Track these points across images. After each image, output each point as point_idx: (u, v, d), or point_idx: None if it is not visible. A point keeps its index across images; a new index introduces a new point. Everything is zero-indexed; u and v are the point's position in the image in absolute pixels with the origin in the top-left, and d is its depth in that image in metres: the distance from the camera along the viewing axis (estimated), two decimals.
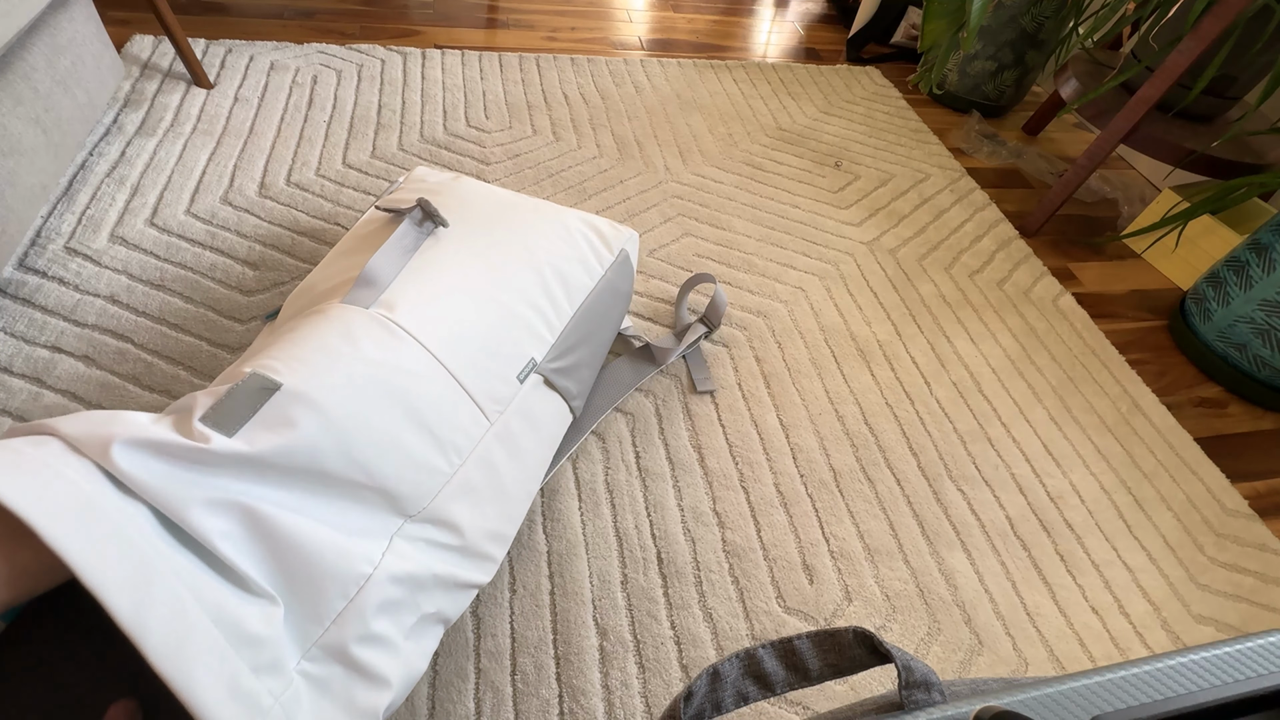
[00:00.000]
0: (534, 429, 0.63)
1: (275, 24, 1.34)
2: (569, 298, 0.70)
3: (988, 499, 0.81)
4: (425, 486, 0.51)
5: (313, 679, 0.42)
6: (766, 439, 0.82)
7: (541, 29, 1.52)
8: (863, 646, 0.31)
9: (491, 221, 0.70)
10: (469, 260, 0.64)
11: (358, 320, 0.53)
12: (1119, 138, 1.12)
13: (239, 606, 0.38)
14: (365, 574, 0.45)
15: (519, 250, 0.67)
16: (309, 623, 0.42)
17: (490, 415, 0.58)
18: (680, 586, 0.68)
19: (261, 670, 0.38)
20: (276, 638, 0.40)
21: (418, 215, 0.65)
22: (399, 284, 0.58)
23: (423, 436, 0.52)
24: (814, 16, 1.84)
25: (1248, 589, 0.77)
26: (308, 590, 0.42)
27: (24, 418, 0.69)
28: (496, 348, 0.60)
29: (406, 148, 1.11)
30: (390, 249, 0.60)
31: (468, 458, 0.56)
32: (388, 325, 0.54)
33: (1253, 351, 0.98)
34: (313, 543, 0.43)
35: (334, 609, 0.43)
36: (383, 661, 0.45)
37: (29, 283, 0.80)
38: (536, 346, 0.65)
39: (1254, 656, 0.27)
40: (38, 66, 0.78)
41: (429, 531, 0.52)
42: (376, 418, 0.49)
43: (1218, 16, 0.96)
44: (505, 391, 0.60)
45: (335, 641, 0.43)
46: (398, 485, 0.49)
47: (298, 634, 0.42)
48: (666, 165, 1.20)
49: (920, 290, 1.07)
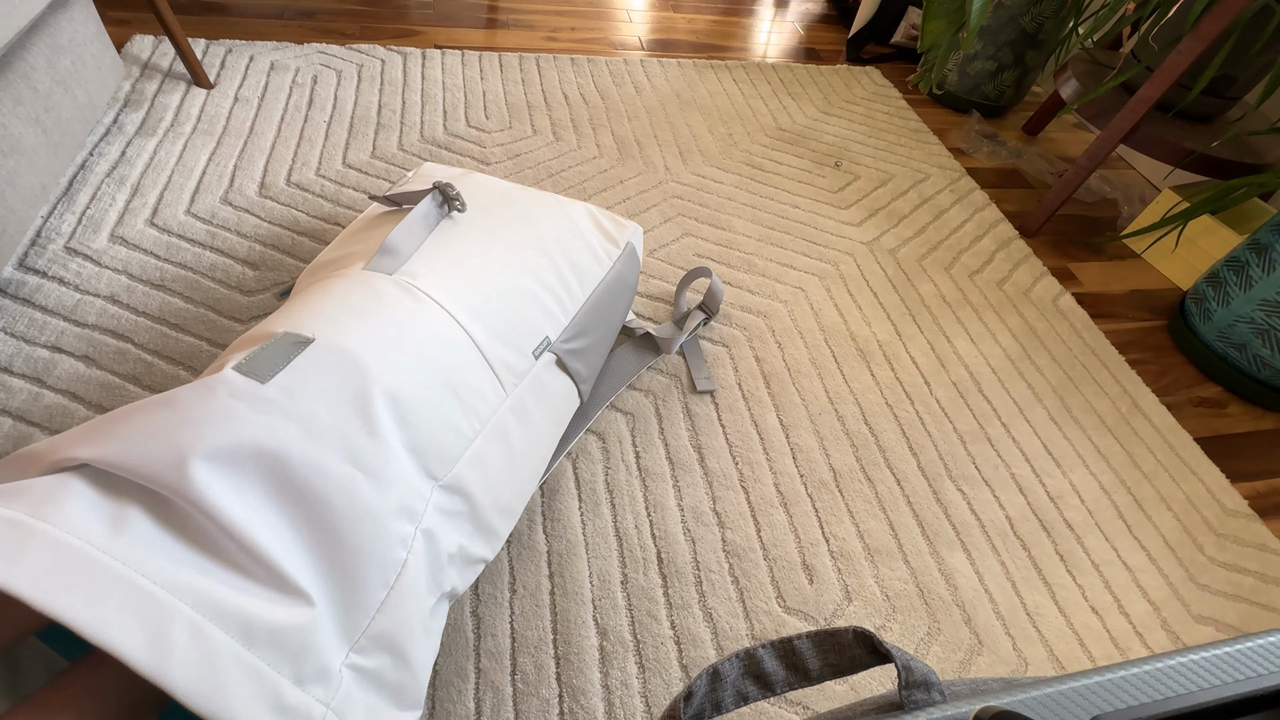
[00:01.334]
0: (545, 405, 0.64)
1: (275, 24, 1.34)
2: (580, 284, 0.71)
3: (988, 499, 0.81)
4: (451, 448, 0.51)
5: (363, 671, 0.41)
6: (766, 439, 0.82)
7: (541, 29, 1.52)
8: (862, 646, 0.31)
9: (503, 209, 0.71)
10: (485, 240, 0.65)
11: (382, 284, 0.54)
12: (1119, 138, 1.12)
13: (270, 613, 0.37)
14: (402, 559, 0.44)
15: (532, 236, 0.69)
16: (354, 612, 0.41)
17: (507, 386, 0.59)
18: (680, 586, 0.68)
19: (306, 680, 0.37)
20: (317, 640, 0.38)
21: (437, 197, 0.66)
22: (420, 256, 0.59)
23: (448, 396, 0.52)
24: (814, 16, 1.84)
25: (1248, 589, 0.77)
26: (349, 581, 0.41)
27: (24, 418, 0.69)
28: (515, 321, 0.61)
29: (406, 148, 1.11)
30: (410, 224, 0.61)
31: (486, 425, 0.56)
32: (412, 290, 0.55)
33: (1252, 351, 0.98)
34: (349, 519, 0.41)
35: (377, 598, 0.42)
36: (422, 646, 0.45)
37: (29, 283, 0.80)
38: (551, 325, 0.66)
39: (1254, 656, 0.27)
40: (38, 66, 0.78)
41: (449, 501, 0.51)
42: (407, 373, 0.49)
43: (1218, 16, 0.96)
44: (521, 365, 0.61)
45: (383, 630, 0.42)
46: (428, 442, 0.49)
47: (342, 625, 0.40)
48: (666, 165, 1.20)
49: (920, 290, 1.07)
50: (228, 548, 0.37)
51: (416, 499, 0.47)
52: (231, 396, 0.41)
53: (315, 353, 0.45)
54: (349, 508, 0.41)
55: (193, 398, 0.41)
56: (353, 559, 0.41)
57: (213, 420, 0.40)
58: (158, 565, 0.35)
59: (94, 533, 0.34)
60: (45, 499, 0.35)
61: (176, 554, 0.36)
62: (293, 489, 0.40)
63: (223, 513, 0.37)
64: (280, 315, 0.51)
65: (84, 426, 0.41)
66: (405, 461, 0.46)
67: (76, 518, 0.35)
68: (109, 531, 0.35)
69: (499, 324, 0.59)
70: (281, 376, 0.43)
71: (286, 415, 0.41)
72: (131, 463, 0.37)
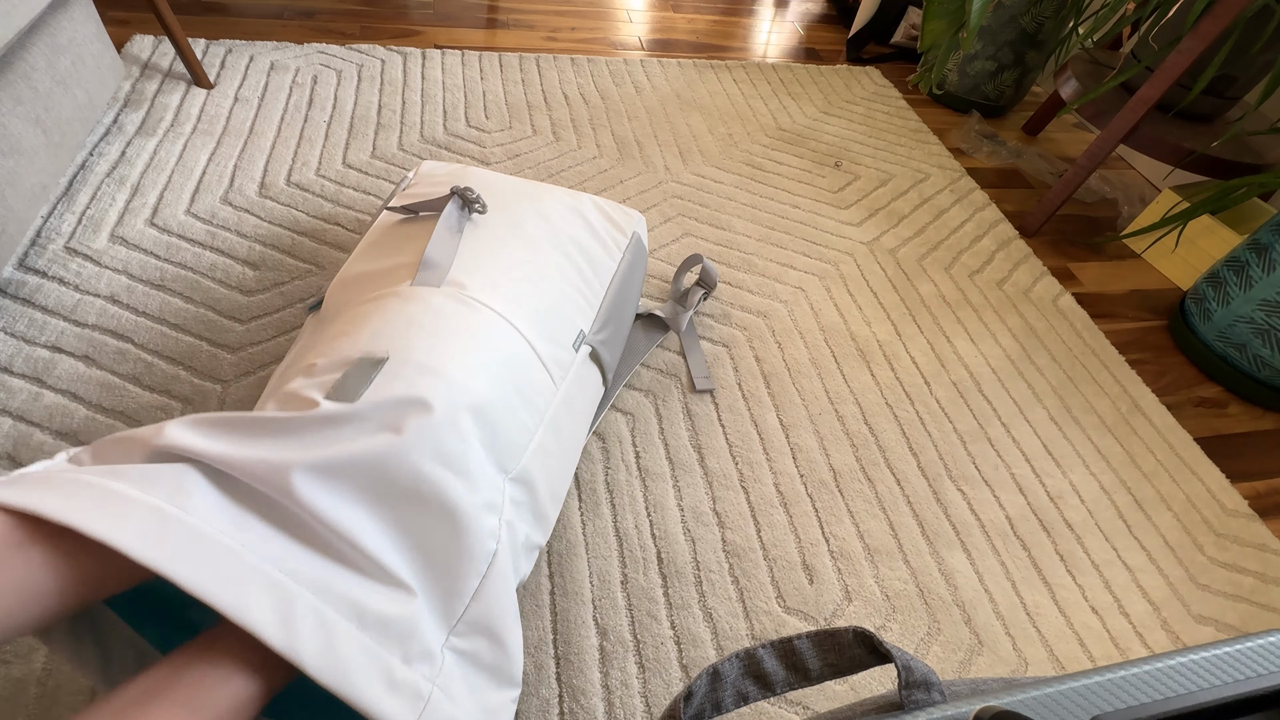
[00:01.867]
0: (584, 396, 0.67)
1: (275, 24, 1.34)
2: (599, 276, 0.74)
3: (987, 499, 0.81)
4: (519, 442, 0.54)
5: (462, 653, 0.44)
6: (766, 439, 0.82)
7: (541, 29, 1.52)
8: (862, 646, 0.31)
9: (516, 206, 0.73)
10: (511, 240, 0.67)
11: (438, 299, 0.56)
12: (1119, 138, 1.12)
13: (377, 601, 0.40)
14: (492, 549, 0.47)
15: (549, 232, 0.71)
16: (451, 599, 0.44)
17: (557, 380, 0.62)
18: (680, 586, 0.68)
19: (413, 659, 0.40)
20: (419, 625, 0.41)
21: (458, 202, 0.67)
22: (459, 264, 0.61)
23: (514, 394, 0.55)
24: (814, 16, 1.84)
25: (1248, 589, 0.77)
26: (446, 572, 0.44)
27: (24, 418, 0.69)
28: (557, 317, 0.64)
29: (406, 148, 1.11)
30: (441, 235, 0.63)
31: (544, 419, 0.59)
32: (465, 300, 0.57)
33: (1252, 351, 0.98)
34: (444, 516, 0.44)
35: (471, 587, 0.45)
36: (513, 629, 0.47)
37: (29, 283, 0.80)
38: (583, 319, 0.68)
39: (1254, 656, 0.27)
40: (38, 66, 0.78)
41: (518, 492, 0.54)
42: (478, 378, 0.52)
43: (1218, 16, 0.96)
44: (566, 358, 0.64)
45: (477, 616, 0.45)
46: (502, 439, 0.52)
47: (441, 612, 0.43)
48: (666, 165, 1.20)
49: (920, 290, 1.07)
50: (335, 544, 0.41)
51: (496, 493, 0.50)
52: (326, 417, 0.44)
53: (393, 369, 0.48)
54: (443, 506, 0.45)
55: (290, 420, 0.44)
56: (448, 552, 0.44)
57: (310, 435, 0.43)
58: (278, 557, 0.38)
59: (221, 524, 0.38)
60: (177, 489, 0.38)
61: (290, 549, 0.39)
62: (390, 492, 0.43)
63: (326, 513, 0.40)
64: (345, 339, 0.53)
65: (182, 422, 0.43)
66: (485, 459, 0.50)
67: (205, 510, 0.38)
68: (233, 526, 0.38)
69: (545, 322, 0.62)
70: (369, 393, 0.46)
71: (379, 427, 0.45)
72: (242, 465, 0.40)
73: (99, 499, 0.35)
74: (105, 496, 0.36)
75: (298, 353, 0.59)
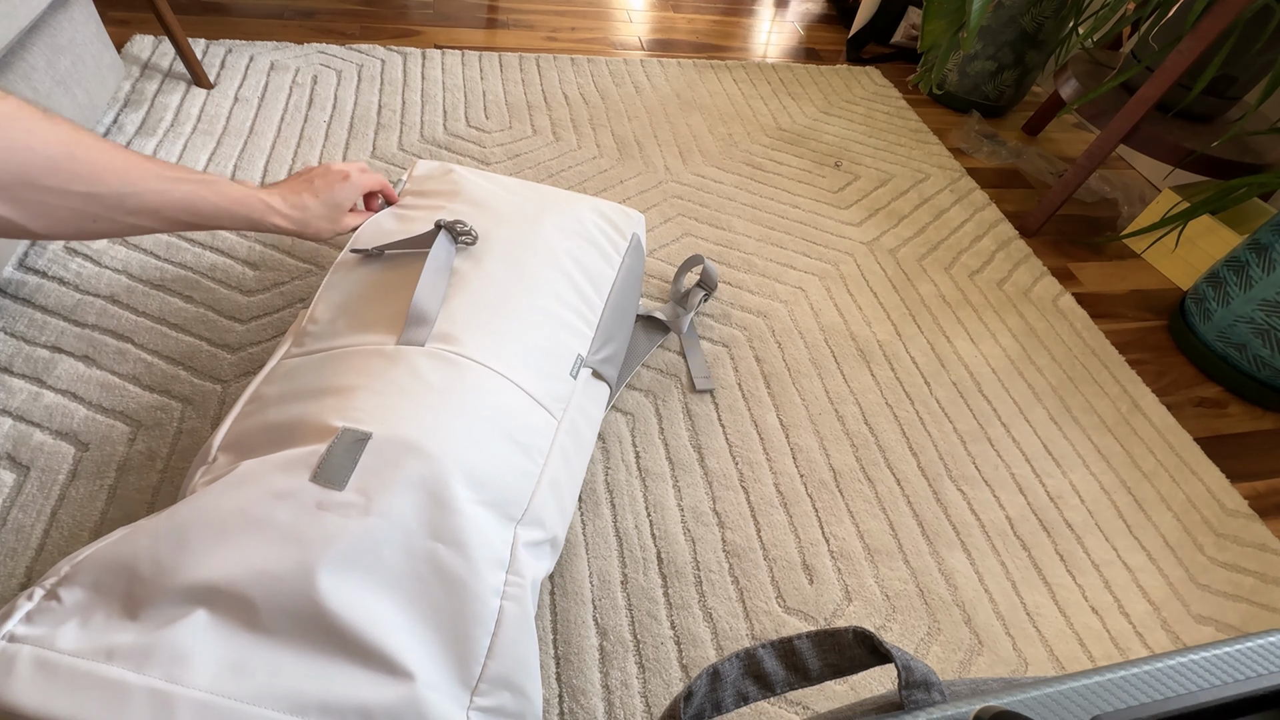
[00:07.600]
0: (588, 417, 0.67)
1: (275, 24, 1.34)
2: (596, 290, 0.72)
3: (987, 499, 0.81)
4: (522, 489, 0.54)
5: (486, 710, 0.44)
6: (766, 439, 0.82)
7: (541, 29, 1.52)
8: (863, 646, 0.31)
9: (510, 223, 0.71)
10: (501, 270, 0.65)
11: (423, 362, 0.55)
12: (1119, 138, 1.12)
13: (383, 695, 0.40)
14: (496, 606, 0.48)
15: (543, 251, 0.69)
16: (468, 664, 0.45)
17: (556, 414, 0.61)
18: (680, 586, 0.68)
19: None
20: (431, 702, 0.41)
21: (446, 237, 0.65)
22: (446, 313, 0.60)
23: (509, 446, 0.55)
24: (814, 16, 1.84)
25: (1248, 589, 0.77)
26: (456, 639, 0.45)
27: (24, 418, 0.69)
28: (550, 351, 0.63)
29: (406, 148, 1.11)
30: (428, 281, 0.61)
31: (547, 456, 0.58)
32: (449, 359, 0.56)
33: (1253, 351, 0.98)
34: (440, 587, 0.46)
35: (483, 646, 0.46)
36: (533, 672, 0.48)
37: (29, 282, 0.80)
38: (580, 343, 0.67)
39: (1254, 656, 0.27)
40: (38, 66, 0.78)
41: (530, 533, 0.54)
42: (467, 442, 0.52)
43: (1218, 16, 0.96)
44: (564, 390, 0.63)
45: (496, 671, 0.45)
46: (501, 493, 0.52)
47: (459, 679, 0.44)
48: (666, 165, 1.20)
49: (920, 290, 1.07)
50: (343, 644, 0.42)
51: (502, 546, 0.50)
52: (319, 508, 0.45)
53: (377, 447, 0.48)
54: (441, 579, 0.46)
55: (284, 513, 0.45)
56: (453, 620, 0.45)
57: (313, 533, 0.44)
58: (284, 692, 0.39)
59: (224, 682, 0.39)
60: (174, 660, 0.39)
61: (296, 668, 0.40)
62: (388, 575, 0.44)
63: (342, 615, 0.42)
64: (331, 398, 0.52)
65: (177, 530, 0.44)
66: (484, 519, 0.50)
67: (206, 672, 0.39)
68: (233, 674, 0.39)
69: (539, 362, 0.61)
70: (354, 479, 0.47)
71: (366, 513, 0.45)
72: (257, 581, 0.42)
73: (101, 694, 0.37)
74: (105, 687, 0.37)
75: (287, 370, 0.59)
